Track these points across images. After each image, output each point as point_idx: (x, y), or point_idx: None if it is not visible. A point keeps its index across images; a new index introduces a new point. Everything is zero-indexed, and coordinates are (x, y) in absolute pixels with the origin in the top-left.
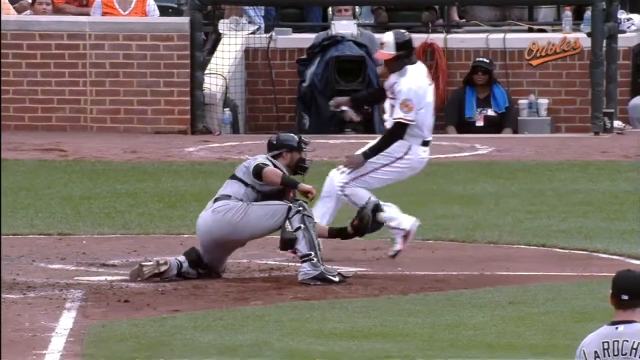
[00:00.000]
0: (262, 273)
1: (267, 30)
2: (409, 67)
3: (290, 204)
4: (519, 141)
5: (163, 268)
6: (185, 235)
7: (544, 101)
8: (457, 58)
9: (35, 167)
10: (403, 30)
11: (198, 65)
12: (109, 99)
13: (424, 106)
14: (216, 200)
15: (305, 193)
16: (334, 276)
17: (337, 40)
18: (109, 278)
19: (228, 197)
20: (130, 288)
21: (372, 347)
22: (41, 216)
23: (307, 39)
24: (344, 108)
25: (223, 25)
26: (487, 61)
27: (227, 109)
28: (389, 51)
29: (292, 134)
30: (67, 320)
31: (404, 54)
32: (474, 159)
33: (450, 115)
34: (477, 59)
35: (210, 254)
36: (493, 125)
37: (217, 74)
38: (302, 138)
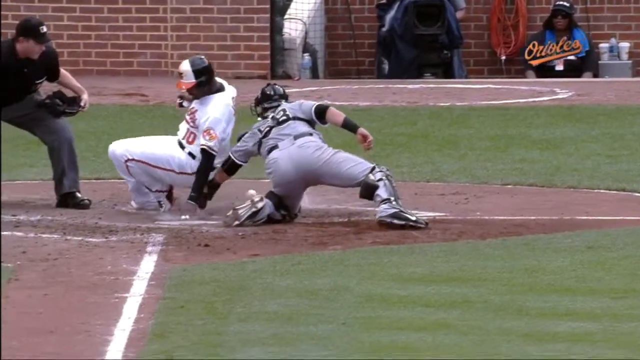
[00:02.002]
0: (342, 218)
1: None
2: (214, 96)
3: (375, 165)
4: (599, 85)
5: (260, 204)
6: (263, 180)
7: (625, 44)
8: (537, 2)
9: (116, 111)
10: (200, 56)
11: (278, 10)
12: (189, 43)
13: (227, 136)
14: (296, 137)
15: (365, 137)
16: (412, 215)
17: None
18: (190, 222)
19: (310, 134)
20: (210, 232)
21: (451, 292)
22: None
23: None
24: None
25: None
26: (568, 5)
27: (306, 54)
28: (189, 80)
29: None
30: (148, 263)
31: (204, 80)
32: (553, 103)
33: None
34: (558, 2)
35: (290, 192)
36: (573, 70)
37: (296, 18)
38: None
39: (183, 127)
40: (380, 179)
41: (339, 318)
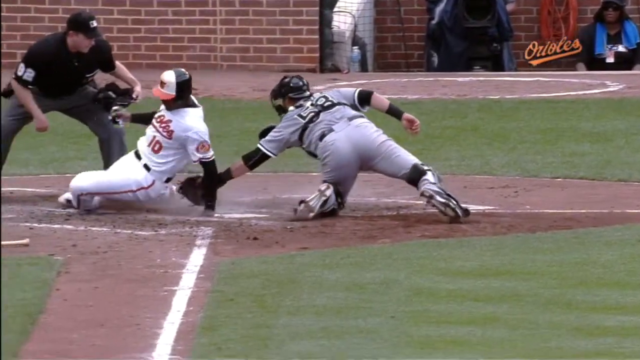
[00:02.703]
0: (390, 211)
1: None
2: (189, 110)
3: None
4: None
5: (328, 192)
6: (314, 174)
7: None
8: None
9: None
10: (183, 70)
11: (327, 3)
12: (238, 37)
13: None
14: (351, 119)
15: (412, 122)
16: (455, 201)
17: None
18: (239, 216)
19: (362, 116)
20: (259, 226)
21: (500, 285)
22: None
23: None
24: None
25: None
26: None
27: (355, 47)
28: (170, 92)
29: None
30: (197, 257)
31: (183, 95)
32: (604, 96)
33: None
34: None
35: (344, 175)
36: (624, 62)
37: (346, 12)
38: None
39: (148, 134)
40: (429, 169)
41: (388, 311)
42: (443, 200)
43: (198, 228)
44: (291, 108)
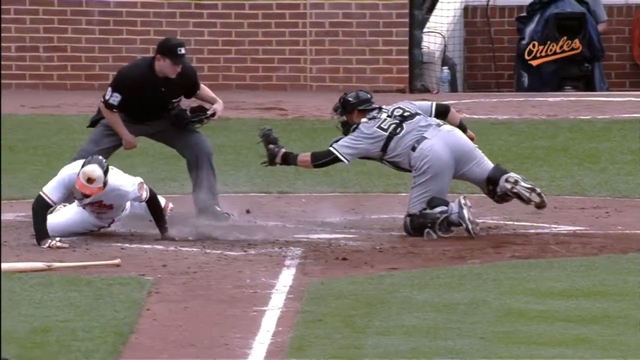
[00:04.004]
0: (480, 232)
1: None
2: (110, 183)
3: None
4: None
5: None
6: (403, 194)
7: None
8: None
9: (256, 125)
10: (98, 157)
11: (417, 24)
12: (328, 57)
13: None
14: (439, 125)
15: (472, 139)
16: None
17: None
18: (328, 236)
19: (446, 123)
20: (348, 246)
21: (591, 307)
22: (262, 174)
23: None
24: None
25: None
26: None
27: (445, 67)
28: (100, 184)
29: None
30: (286, 277)
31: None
32: None
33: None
34: None
35: (442, 184)
36: None
37: (435, 32)
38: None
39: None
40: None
41: (477, 332)
42: (528, 185)
43: (287, 248)
44: (364, 120)
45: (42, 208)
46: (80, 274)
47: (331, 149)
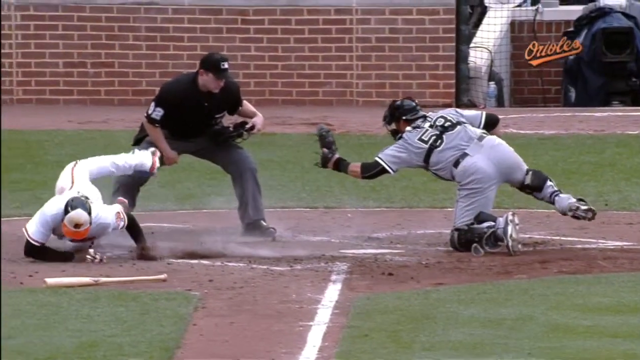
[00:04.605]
0: (526, 247)
1: (533, 3)
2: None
3: None
4: None
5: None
6: (449, 209)
7: None
8: None
9: (302, 140)
10: (79, 198)
11: (463, 39)
12: (374, 73)
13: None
14: (480, 139)
15: None
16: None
17: (605, 12)
18: (374, 251)
19: (485, 133)
20: (394, 261)
21: (639, 322)
22: (308, 189)
23: (574, 10)
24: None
25: None
26: None
27: (492, 82)
28: (86, 226)
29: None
30: (332, 292)
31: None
32: None
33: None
34: None
35: (488, 199)
36: None
37: (482, 47)
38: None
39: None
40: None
41: (524, 348)
42: (585, 207)
43: (333, 263)
44: (408, 128)
45: (37, 253)
46: (127, 288)
47: (377, 159)
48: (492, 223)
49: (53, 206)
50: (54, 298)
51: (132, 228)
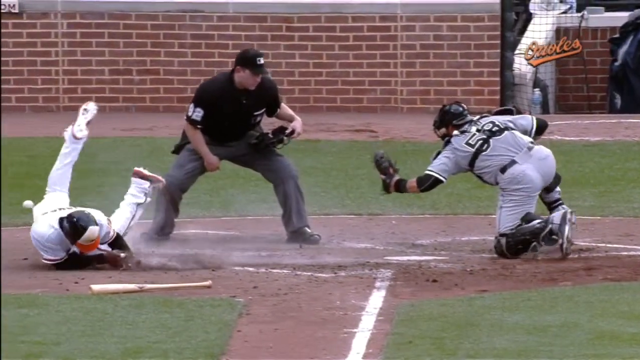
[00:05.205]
0: (572, 254)
1: (578, 10)
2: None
3: None
4: None
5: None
6: (493, 216)
7: None
8: None
9: (346, 147)
10: (85, 212)
11: (508, 46)
12: (419, 79)
13: None
14: (529, 149)
15: None
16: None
17: None
18: (418, 258)
19: (532, 142)
20: (438, 268)
21: None
22: (352, 196)
23: (620, 17)
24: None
25: (534, 5)
26: None
27: (537, 89)
28: (95, 237)
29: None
30: (376, 299)
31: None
32: None
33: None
34: None
35: (532, 204)
36: None
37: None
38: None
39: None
40: None
41: (569, 355)
42: (562, 237)
43: (377, 270)
44: (455, 132)
45: (64, 265)
46: (172, 295)
47: (428, 172)
48: (542, 219)
49: (46, 224)
50: (99, 305)
51: (117, 243)
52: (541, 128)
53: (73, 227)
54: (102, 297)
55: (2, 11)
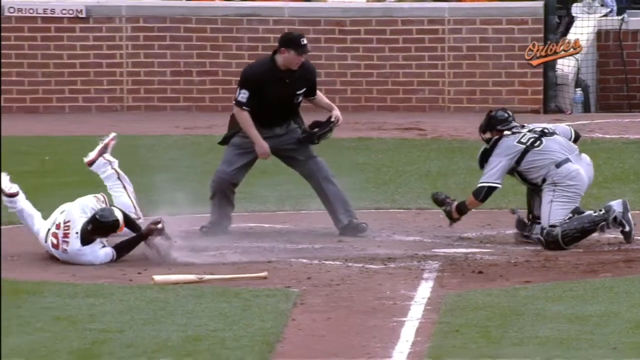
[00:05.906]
0: (611, 247)
1: (619, 13)
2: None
3: None
4: None
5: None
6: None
7: None
8: None
9: (396, 145)
10: (108, 209)
11: None
12: (465, 80)
13: None
14: (580, 153)
15: None
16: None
17: None
18: (464, 250)
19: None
20: (484, 260)
21: None
22: (401, 192)
23: None
24: None
25: (576, 9)
26: None
27: (578, 89)
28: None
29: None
30: (425, 289)
31: None
32: None
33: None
34: None
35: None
36: None
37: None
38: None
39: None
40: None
41: (610, 343)
42: (543, 236)
43: (425, 262)
44: (506, 132)
45: (119, 255)
46: (230, 285)
47: (481, 184)
48: (595, 210)
49: (79, 220)
50: (161, 294)
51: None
52: (577, 138)
53: (104, 226)
54: (163, 287)
55: (69, 16)
